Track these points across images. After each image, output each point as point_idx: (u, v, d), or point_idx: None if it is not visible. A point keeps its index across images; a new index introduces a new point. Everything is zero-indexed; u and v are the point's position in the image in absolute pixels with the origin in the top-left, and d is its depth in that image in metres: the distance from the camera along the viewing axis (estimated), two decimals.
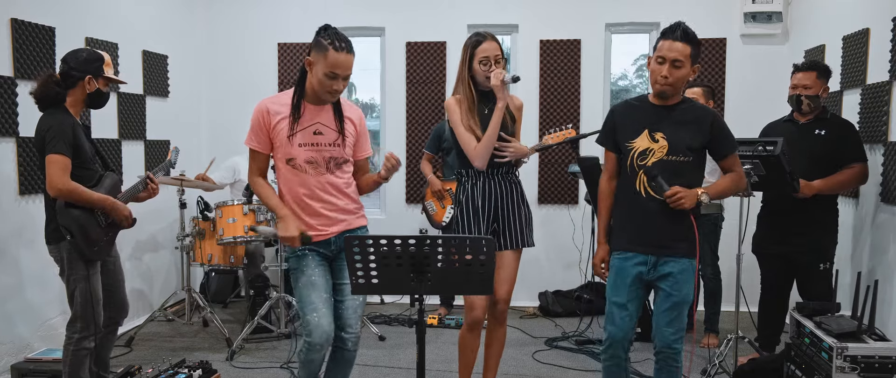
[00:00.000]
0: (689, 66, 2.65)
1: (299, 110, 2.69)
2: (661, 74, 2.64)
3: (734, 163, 2.77)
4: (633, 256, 2.73)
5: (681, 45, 2.61)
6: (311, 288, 2.69)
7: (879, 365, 2.87)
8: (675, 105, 2.73)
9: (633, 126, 2.74)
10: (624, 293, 2.73)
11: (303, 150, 2.69)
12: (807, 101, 3.56)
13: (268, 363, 4.05)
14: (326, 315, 2.67)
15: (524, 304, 5.47)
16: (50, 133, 2.90)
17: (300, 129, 2.69)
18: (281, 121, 2.70)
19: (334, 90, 2.65)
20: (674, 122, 2.69)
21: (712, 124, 2.68)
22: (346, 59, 2.61)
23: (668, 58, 2.62)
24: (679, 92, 2.72)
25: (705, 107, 2.80)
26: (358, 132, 2.83)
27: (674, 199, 2.60)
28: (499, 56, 2.94)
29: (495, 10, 5.50)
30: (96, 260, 3.06)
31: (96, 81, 3.07)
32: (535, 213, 5.41)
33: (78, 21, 4.23)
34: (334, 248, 2.78)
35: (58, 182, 2.88)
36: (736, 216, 3.50)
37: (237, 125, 5.44)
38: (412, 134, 5.64)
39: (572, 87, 5.48)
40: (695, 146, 2.67)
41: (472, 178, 3.03)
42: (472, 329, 3.07)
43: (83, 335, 3.04)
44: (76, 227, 2.96)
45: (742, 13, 5.23)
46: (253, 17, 5.70)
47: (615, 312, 2.75)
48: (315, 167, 2.71)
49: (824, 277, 3.54)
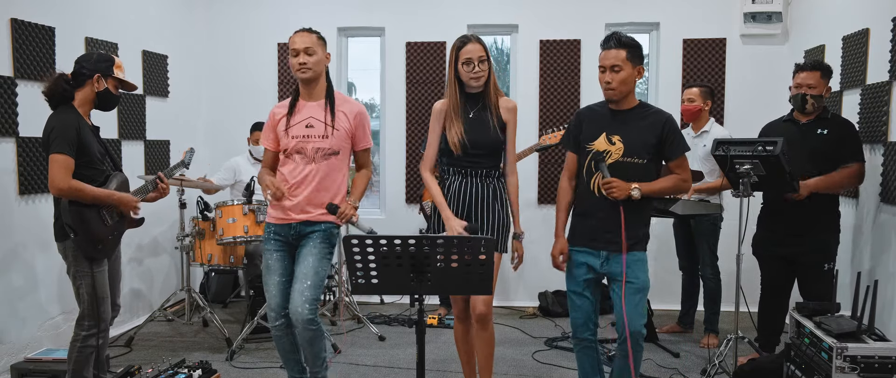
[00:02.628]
0: (631, 68, 2.82)
1: (294, 107, 3.07)
2: (604, 81, 2.86)
3: (680, 165, 2.92)
4: (588, 251, 2.93)
5: (614, 52, 2.81)
6: (267, 271, 3.11)
7: (879, 365, 2.87)
8: (631, 109, 2.90)
9: (593, 129, 2.92)
10: (579, 282, 2.96)
11: (294, 141, 3.04)
12: (812, 100, 3.56)
13: (268, 363, 4.05)
14: (276, 296, 3.06)
15: (524, 304, 5.48)
16: (53, 133, 2.94)
17: (294, 123, 3.05)
18: (281, 118, 3.08)
19: (299, 65, 2.98)
20: (629, 125, 2.87)
21: (664, 126, 2.86)
22: (299, 36, 3.00)
23: (606, 65, 2.83)
24: (627, 94, 2.87)
25: (661, 111, 2.93)
26: (353, 125, 3.10)
27: (607, 187, 2.80)
28: (483, 57, 2.96)
29: (495, 10, 5.51)
30: (100, 258, 3.07)
31: (105, 81, 3.09)
32: (535, 212, 5.47)
33: (78, 21, 4.24)
34: (293, 233, 3.07)
35: (58, 181, 2.90)
36: (736, 216, 3.50)
37: (237, 125, 5.48)
38: (412, 134, 5.64)
39: (572, 87, 5.48)
40: (649, 148, 2.84)
41: (451, 176, 3.07)
42: (461, 320, 3.17)
43: (91, 333, 3.06)
44: (80, 225, 2.97)
45: (742, 13, 5.23)
46: (253, 17, 5.70)
47: (574, 299, 2.99)
48: (303, 157, 3.03)
49: (825, 278, 3.54)
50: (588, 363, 3.05)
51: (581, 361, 3.08)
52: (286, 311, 3.05)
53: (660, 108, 2.96)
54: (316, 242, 3.03)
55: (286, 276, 3.08)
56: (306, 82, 3.04)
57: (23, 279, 3.81)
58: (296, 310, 2.96)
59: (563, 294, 5.35)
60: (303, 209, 3.04)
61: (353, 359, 4.15)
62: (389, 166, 5.72)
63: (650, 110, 2.92)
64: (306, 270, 2.99)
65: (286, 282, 3.07)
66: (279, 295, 3.06)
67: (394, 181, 5.70)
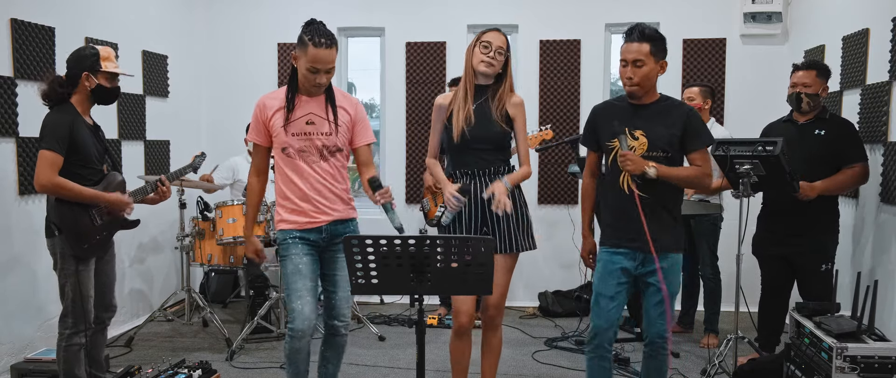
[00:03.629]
0: (654, 63, 2.72)
1: (292, 103, 2.83)
2: (626, 76, 2.74)
3: (703, 158, 2.80)
4: (622, 251, 2.80)
5: (637, 45, 2.69)
6: (297, 275, 2.80)
7: (879, 365, 2.87)
8: (651, 103, 2.80)
9: (613, 125, 2.80)
10: (612, 285, 2.80)
11: (296, 139, 2.82)
12: (807, 99, 3.56)
13: (267, 363, 4.05)
14: (310, 303, 2.77)
15: (524, 304, 5.48)
16: (45, 130, 2.95)
17: (294, 120, 2.82)
18: (275, 113, 2.84)
19: (318, 83, 2.77)
20: (650, 119, 2.77)
21: (687, 117, 2.76)
22: (326, 54, 2.72)
23: (628, 59, 2.72)
24: (649, 89, 2.78)
25: (682, 103, 2.86)
26: (353, 121, 2.93)
27: (622, 160, 2.69)
28: (501, 48, 2.90)
29: (495, 10, 5.50)
30: (87, 258, 3.06)
31: (95, 77, 3.06)
32: (535, 212, 5.45)
33: (78, 21, 4.23)
34: (325, 235, 2.88)
35: (42, 177, 2.90)
36: (736, 216, 3.50)
37: (237, 125, 5.47)
38: (412, 134, 5.64)
39: (572, 88, 5.48)
40: (673, 141, 2.75)
41: (460, 178, 2.99)
42: (460, 336, 3.06)
43: (73, 331, 3.06)
44: (64, 223, 2.98)
45: (742, 13, 5.23)
46: (253, 17, 5.70)
47: (603, 303, 2.81)
48: (307, 155, 2.83)
49: (825, 278, 3.54)
50: (599, 374, 2.86)
51: (592, 371, 2.88)
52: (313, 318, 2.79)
53: (680, 101, 2.87)
54: None
55: (315, 282, 2.86)
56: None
57: (22, 279, 3.81)
58: (344, 316, 2.90)
59: (563, 294, 5.35)
60: (328, 209, 2.86)
61: (353, 359, 4.14)
62: (389, 166, 5.72)
63: (672, 102, 2.82)
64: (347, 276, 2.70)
65: (315, 287, 2.85)
66: (313, 301, 2.79)
67: (394, 181, 5.70)
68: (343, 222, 2.92)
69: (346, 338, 2.98)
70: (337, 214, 2.89)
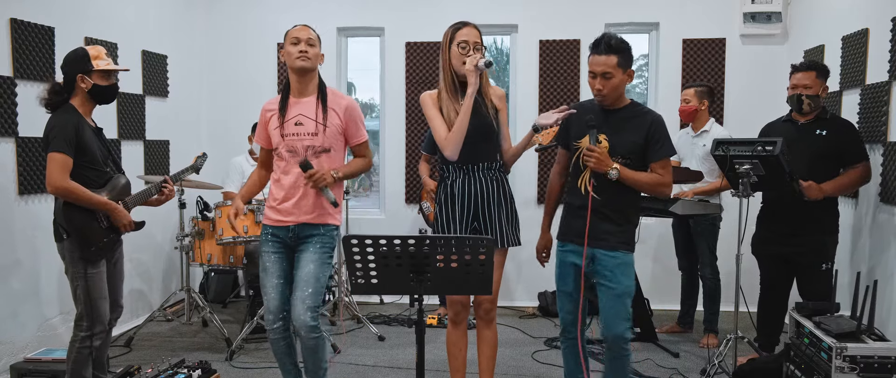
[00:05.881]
0: (622, 74, 2.78)
1: (285, 104, 2.99)
2: (595, 88, 2.81)
3: (663, 167, 2.83)
4: (572, 247, 2.91)
5: (604, 58, 2.75)
6: (264, 273, 3.02)
7: (879, 365, 2.87)
8: (621, 108, 2.87)
9: (581, 126, 2.86)
10: (569, 282, 2.94)
11: (285, 140, 2.97)
12: (808, 100, 3.56)
13: (267, 363, 4.05)
14: (274, 299, 2.99)
15: (524, 304, 5.48)
16: (52, 132, 2.94)
17: (285, 121, 2.97)
18: (272, 116, 3.02)
19: (300, 53, 2.91)
20: (616, 124, 2.84)
21: (651, 126, 2.81)
22: (301, 28, 2.96)
23: (597, 72, 2.78)
24: (617, 99, 2.84)
25: (651, 112, 2.89)
26: (344, 121, 3.01)
27: (588, 154, 2.76)
28: (478, 43, 2.95)
29: (495, 10, 5.50)
30: (96, 260, 3.07)
31: (89, 78, 3.06)
32: (535, 212, 5.46)
33: (78, 21, 4.23)
34: (292, 235, 2.99)
35: (56, 180, 2.90)
36: (735, 216, 3.50)
37: (237, 125, 5.47)
38: (411, 134, 5.64)
39: (572, 88, 5.48)
40: (635, 149, 2.79)
41: (453, 175, 3.00)
42: (456, 324, 3.10)
43: (89, 333, 3.06)
44: (72, 227, 2.98)
45: (741, 13, 5.24)
46: (253, 17, 5.70)
47: (563, 298, 2.99)
48: (294, 155, 2.95)
49: (825, 278, 3.54)
50: (572, 361, 3.05)
51: (566, 359, 3.09)
52: (284, 313, 2.99)
53: (650, 109, 2.92)
54: (315, 247, 2.96)
55: (284, 279, 3.01)
56: (302, 72, 2.94)
57: (22, 279, 3.81)
58: (299, 318, 2.89)
59: None
60: (298, 211, 2.96)
61: (352, 359, 4.15)
62: (389, 166, 5.72)
63: (640, 110, 2.88)
64: (307, 277, 2.91)
65: (284, 284, 3.00)
66: (278, 297, 2.99)
67: (393, 181, 5.70)
68: (313, 226, 2.97)
69: (314, 339, 2.94)
70: (306, 218, 2.96)
